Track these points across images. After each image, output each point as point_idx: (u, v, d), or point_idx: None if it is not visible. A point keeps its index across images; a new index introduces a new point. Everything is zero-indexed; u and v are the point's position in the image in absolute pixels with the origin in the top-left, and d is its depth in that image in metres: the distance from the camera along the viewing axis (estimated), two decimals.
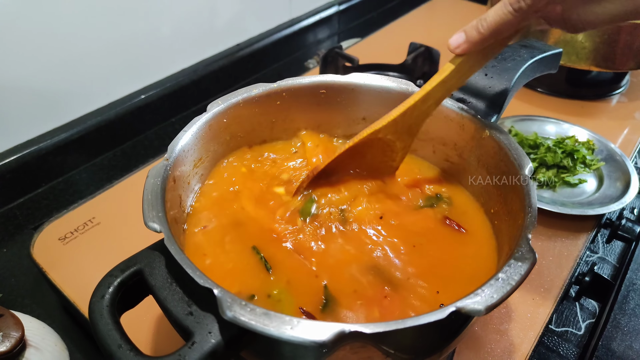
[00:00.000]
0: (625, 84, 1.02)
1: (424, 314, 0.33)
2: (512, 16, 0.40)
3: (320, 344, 0.31)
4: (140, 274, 0.38)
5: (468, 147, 0.54)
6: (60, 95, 0.82)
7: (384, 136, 0.48)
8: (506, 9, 0.40)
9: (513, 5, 0.40)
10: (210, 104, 0.53)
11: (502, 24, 0.41)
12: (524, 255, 0.37)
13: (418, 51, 0.97)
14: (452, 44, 0.44)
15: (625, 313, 0.60)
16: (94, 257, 0.64)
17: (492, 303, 0.34)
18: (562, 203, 0.71)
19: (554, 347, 0.63)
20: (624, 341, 0.57)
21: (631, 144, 0.87)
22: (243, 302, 0.33)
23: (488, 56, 0.46)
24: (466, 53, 0.44)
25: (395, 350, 0.38)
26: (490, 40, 0.42)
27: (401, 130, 0.49)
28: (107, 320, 0.35)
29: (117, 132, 0.90)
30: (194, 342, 0.34)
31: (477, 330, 0.57)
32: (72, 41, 0.79)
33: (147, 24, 0.89)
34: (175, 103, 0.99)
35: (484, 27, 0.41)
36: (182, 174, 0.49)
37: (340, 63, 0.98)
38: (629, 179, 0.74)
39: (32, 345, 0.51)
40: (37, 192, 0.82)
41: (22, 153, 0.78)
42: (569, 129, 0.85)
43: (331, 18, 1.29)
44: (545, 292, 0.61)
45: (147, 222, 0.38)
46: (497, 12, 0.41)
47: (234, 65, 1.07)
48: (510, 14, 0.40)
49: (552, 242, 0.68)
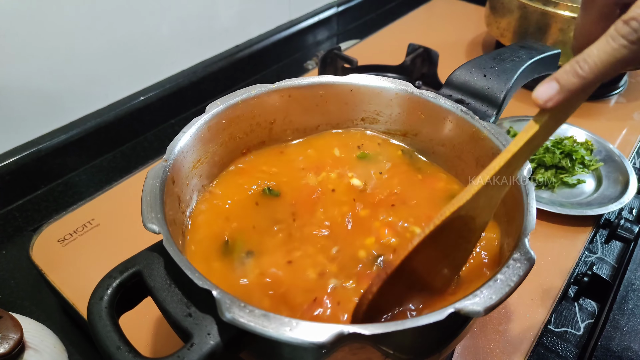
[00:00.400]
0: (623, 84, 1.02)
1: (423, 315, 0.33)
2: (627, 51, 0.31)
3: (319, 345, 0.31)
4: (139, 275, 0.38)
5: (467, 147, 0.54)
6: (60, 96, 0.82)
7: (466, 213, 0.39)
8: (617, 44, 0.31)
9: (628, 36, 0.31)
10: (209, 105, 0.53)
11: (614, 63, 0.32)
12: (523, 257, 0.37)
13: (417, 52, 0.97)
14: (540, 98, 0.35)
15: (624, 313, 0.60)
16: (93, 258, 0.64)
17: (491, 304, 0.34)
18: (560, 203, 0.71)
19: (553, 347, 0.63)
20: (623, 341, 0.57)
21: (629, 145, 0.87)
22: (242, 303, 0.33)
23: (580, 102, 0.37)
24: (561, 105, 0.35)
25: (394, 351, 0.38)
26: (594, 86, 0.34)
27: (483, 204, 0.40)
28: (105, 321, 0.35)
29: (116, 134, 0.90)
30: (193, 343, 0.34)
31: (476, 331, 0.57)
32: (72, 43, 0.79)
33: (147, 25, 0.89)
34: (175, 104, 0.99)
35: (587, 70, 0.33)
36: (181, 175, 0.49)
37: (340, 64, 0.99)
38: (627, 179, 0.74)
39: (31, 347, 0.51)
40: (36, 193, 0.82)
41: (22, 155, 0.78)
42: (567, 129, 0.85)
43: (330, 19, 1.30)
44: (544, 293, 0.61)
45: (146, 224, 0.38)
46: (604, 50, 0.32)
47: (233, 66, 1.07)
48: (625, 49, 0.31)
49: (550, 243, 0.68)
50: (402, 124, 0.59)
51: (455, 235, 0.40)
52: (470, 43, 1.18)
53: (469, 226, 0.41)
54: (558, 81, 0.34)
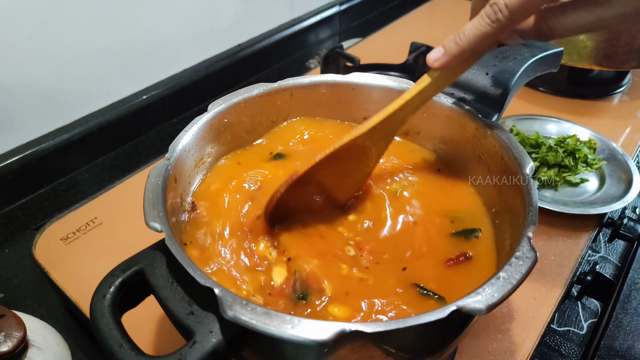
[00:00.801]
0: (627, 82, 1.01)
1: (425, 313, 0.33)
2: (490, 28, 0.41)
3: (320, 343, 0.31)
4: (142, 273, 0.39)
5: (469, 146, 0.53)
6: (62, 95, 0.82)
7: (362, 142, 0.48)
8: (484, 21, 0.41)
9: (490, 17, 0.40)
10: (211, 103, 0.53)
11: (480, 36, 0.41)
12: (525, 255, 0.37)
13: (419, 51, 0.97)
14: (430, 59, 0.45)
15: (627, 312, 0.60)
16: (96, 257, 0.64)
17: (493, 302, 0.34)
18: (563, 202, 0.71)
19: (556, 346, 0.63)
20: (626, 340, 0.57)
21: (633, 143, 0.86)
22: (244, 301, 0.33)
23: (464, 68, 0.47)
24: (444, 67, 0.45)
25: (396, 349, 0.38)
26: (469, 53, 0.43)
27: (378, 137, 0.49)
28: (108, 319, 0.35)
29: (119, 133, 0.91)
30: (195, 341, 0.34)
31: (478, 330, 0.57)
32: (74, 42, 0.80)
33: (149, 24, 0.89)
34: (177, 103, 0.99)
35: (462, 39, 0.42)
36: (184, 174, 0.49)
37: (342, 63, 0.98)
38: (630, 178, 0.74)
39: (34, 345, 0.51)
40: (39, 192, 0.82)
41: (24, 154, 0.78)
42: (570, 128, 0.84)
43: (332, 18, 1.30)
44: (547, 292, 0.61)
45: (148, 222, 0.38)
46: (475, 25, 0.41)
47: (235, 65, 1.07)
48: (488, 26, 0.41)
49: (553, 242, 0.68)
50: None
51: (355, 159, 0.49)
52: None
53: (367, 153, 0.50)
54: (444, 47, 0.44)
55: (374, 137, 0.48)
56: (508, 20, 0.40)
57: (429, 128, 0.57)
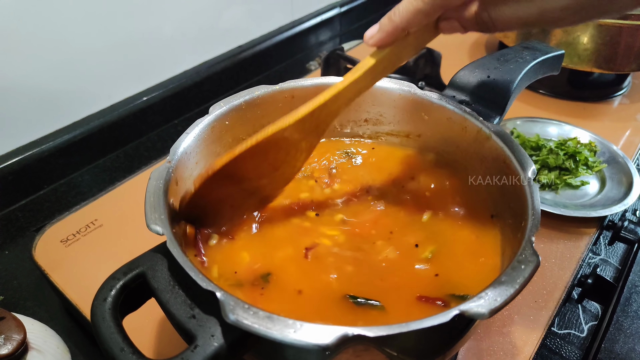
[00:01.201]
0: (627, 85, 1.02)
1: (427, 317, 0.33)
2: (422, 4, 0.40)
3: (323, 347, 0.31)
4: (143, 276, 0.38)
5: (470, 149, 0.53)
6: (63, 97, 0.82)
7: (290, 135, 0.45)
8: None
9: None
10: (212, 106, 0.53)
11: (413, 12, 0.41)
12: (527, 258, 0.37)
13: (420, 53, 0.97)
14: (366, 36, 0.44)
15: (627, 315, 0.59)
16: (96, 259, 0.64)
17: (495, 306, 0.34)
18: (564, 205, 0.71)
19: (556, 349, 0.63)
20: (627, 343, 0.57)
21: (633, 146, 0.86)
22: (246, 305, 0.33)
23: (401, 59, 0.46)
24: (380, 45, 0.44)
25: (398, 353, 0.38)
26: (402, 32, 0.43)
27: (308, 130, 0.46)
28: (109, 323, 0.35)
29: (119, 134, 0.91)
30: (197, 345, 0.34)
31: (479, 333, 0.57)
32: (75, 43, 0.79)
33: (149, 25, 0.89)
34: (178, 105, 0.99)
35: (396, 15, 0.42)
36: (185, 176, 0.49)
37: (342, 65, 0.98)
38: (631, 180, 0.74)
39: (34, 348, 0.51)
40: (39, 194, 0.82)
41: (24, 155, 0.78)
42: (571, 130, 0.85)
43: (333, 20, 1.30)
44: (547, 295, 0.61)
45: (149, 225, 0.38)
46: (409, 2, 0.41)
47: (236, 67, 1.07)
48: (421, 2, 0.40)
49: (554, 244, 0.68)
50: (405, 125, 0.59)
51: (283, 152, 0.46)
52: (474, 44, 1.18)
53: (296, 147, 0.46)
54: (380, 24, 0.44)
55: (303, 130, 0.45)
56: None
57: (430, 131, 0.57)
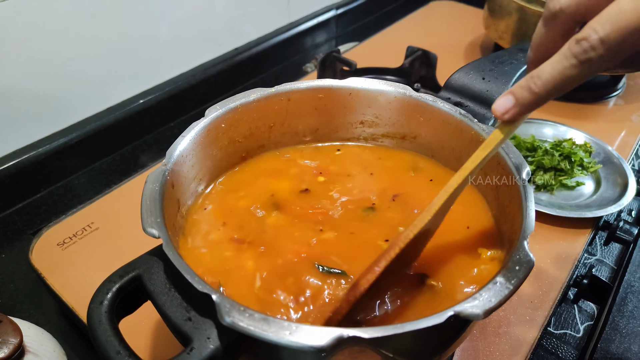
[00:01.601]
0: (622, 86, 1.02)
1: (422, 319, 0.33)
2: (576, 71, 0.32)
3: (319, 349, 0.31)
4: (139, 279, 0.39)
5: (466, 150, 0.54)
6: (59, 100, 0.82)
7: (427, 228, 0.41)
8: (568, 63, 0.32)
9: (579, 56, 0.31)
10: (208, 109, 0.53)
11: (563, 80, 0.33)
12: (522, 259, 0.37)
13: (415, 55, 0.97)
14: (498, 110, 0.37)
15: (623, 315, 0.60)
16: (93, 262, 0.64)
17: (490, 307, 0.34)
18: (559, 206, 0.71)
19: (552, 349, 0.63)
20: (623, 343, 0.57)
21: (628, 146, 0.87)
22: (242, 307, 0.33)
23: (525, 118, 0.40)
24: (516, 119, 0.37)
25: (394, 354, 0.38)
26: (546, 101, 0.35)
27: (439, 217, 0.43)
28: (105, 326, 0.35)
29: (115, 137, 0.90)
30: (193, 347, 0.34)
31: (475, 334, 0.57)
32: (71, 46, 0.80)
33: (146, 28, 0.89)
34: (174, 107, 0.99)
35: (539, 85, 0.34)
36: (181, 179, 0.49)
37: (338, 67, 0.99)
38: (626, 181, 0.74)
39: (30, 352, 0.50)
40: (35, 197, 0.82)
41: (21, 158, 0.78)
42: (566, 131, 0.85)
43: (329, 22, 1.30)
44: (543, 295, 0.61)
45: (145, 228, 0.38)
46: (555, 68, 0.33)
47: (232, 69, 1.07)
48: (574, 68, 0.32)
49: (550, 245, 0.68)
50: (401, 127, 0.59)
51: (414, 244, 0.42)
52: (469, 46, 1.19)
53: (425, 235, 0.43)
54: (514, 95, 0.36)
55: (436, 221, 0.43)
56: (602, 60, 0.31)
57: (425, 133, 0.58)
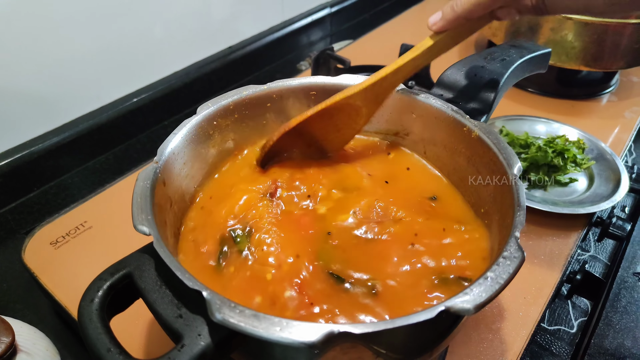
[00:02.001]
0: (615, 83, 1.02)
1: (413, 314, 0.33)
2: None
3: (309, 344, 0.31)
4: (130, 277, 0.38)
5: (458, 147, 0.54)
6: (52, 98, 0.82)
7: (354, 102, 0.53)
8: None
9: None
10: (200, 106, 0.53)
11: (475, 4, 0.45)
12: (513, 254, 0.37)
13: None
14: (430, 22, 0.50)
15: (617, 311, 0.60)
16: (86, 261, 0.64)
17: (481, 302, 0.34)
18: (553, 202, 0.71)
19: (546, 345, 0.63)
20: (616, 339, 0.57)
21: (621, 143, 0.87)
22: (232, 304, 0.33)
23: (457, 40, 0.52)
24: (441, 31, 0.50)
25: (386, 350, 0.38)
26: (464, 20, 0.48)
27: (370, 98, 0.54)
28: (96, 324, 0.35)
29: (109, 136, 0.90)
30: (184, 344, 0.34)
31: (468, 329, 0.57)
32: (64, 44, 0.79)
33: (139, 26, 0.89)
34: (167, 106, 0.98)
35: (458, 5, 0.47)
36: (172, 177, 0.49)
37: (332, 65, 0.98)
38: (619, 177, 0.74)
39: (23, 351, 0.50)
40: (28, 196, 0.81)
41: (14, 157, 0.78)
42: (559, 128, 0.85)
43: (323, 20, 1.30)
44: (536, 291, 0.61)
45: (136, 225, 0.38)
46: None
47: (226, 67, 1.07)
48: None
49: (543, 241, 0.68)
50: (394, 124, 0.59)
51: (346, 116, 0.54)
52: (463, 43, 1.18)
53: (357, 112, 0.54)
54: (442, 12, 0.48)
55: (365, 98, 0.53)
56: None
57: (418, 129, 0.58)
